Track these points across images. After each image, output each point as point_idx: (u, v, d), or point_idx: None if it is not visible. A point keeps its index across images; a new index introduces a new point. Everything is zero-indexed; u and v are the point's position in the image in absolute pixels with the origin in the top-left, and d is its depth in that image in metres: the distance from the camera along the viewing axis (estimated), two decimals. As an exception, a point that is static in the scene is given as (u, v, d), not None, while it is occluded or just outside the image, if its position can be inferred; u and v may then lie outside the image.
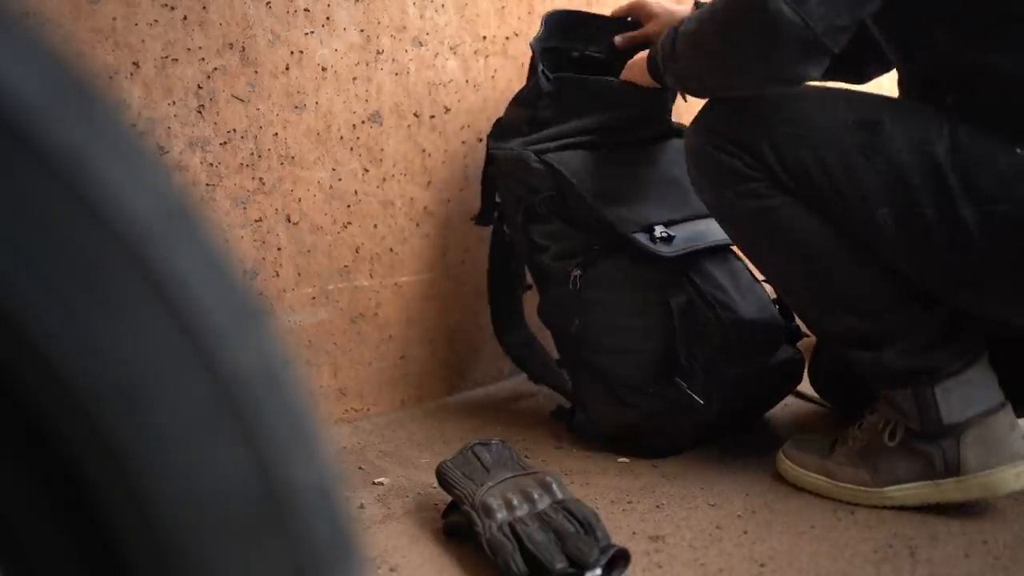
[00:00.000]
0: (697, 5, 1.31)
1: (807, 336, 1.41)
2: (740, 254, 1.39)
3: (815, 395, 1.49)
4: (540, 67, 1.37)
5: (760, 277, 1.39)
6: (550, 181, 1.32)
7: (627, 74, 1.33)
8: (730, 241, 1.33)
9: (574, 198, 1.30)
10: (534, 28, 1.63)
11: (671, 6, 1.44)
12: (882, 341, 1.08)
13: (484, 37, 1.56)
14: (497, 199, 1.46)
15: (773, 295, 1.40)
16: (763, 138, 1.05)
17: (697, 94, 1.19)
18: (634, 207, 1.30)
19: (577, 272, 1.31)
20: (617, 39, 1.44)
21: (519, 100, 1.41)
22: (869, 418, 1.15)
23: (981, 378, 1.07)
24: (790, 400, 1.51)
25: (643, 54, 1.28)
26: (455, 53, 1.52)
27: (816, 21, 0.95)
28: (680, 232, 1.29)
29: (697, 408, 1.23)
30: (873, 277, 1.06)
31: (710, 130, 1.10)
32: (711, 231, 1.32)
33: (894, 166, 1.00)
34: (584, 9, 1.57)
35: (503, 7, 1.58)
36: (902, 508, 1.10)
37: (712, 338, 1.25)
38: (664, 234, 1.28)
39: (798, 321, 1.40)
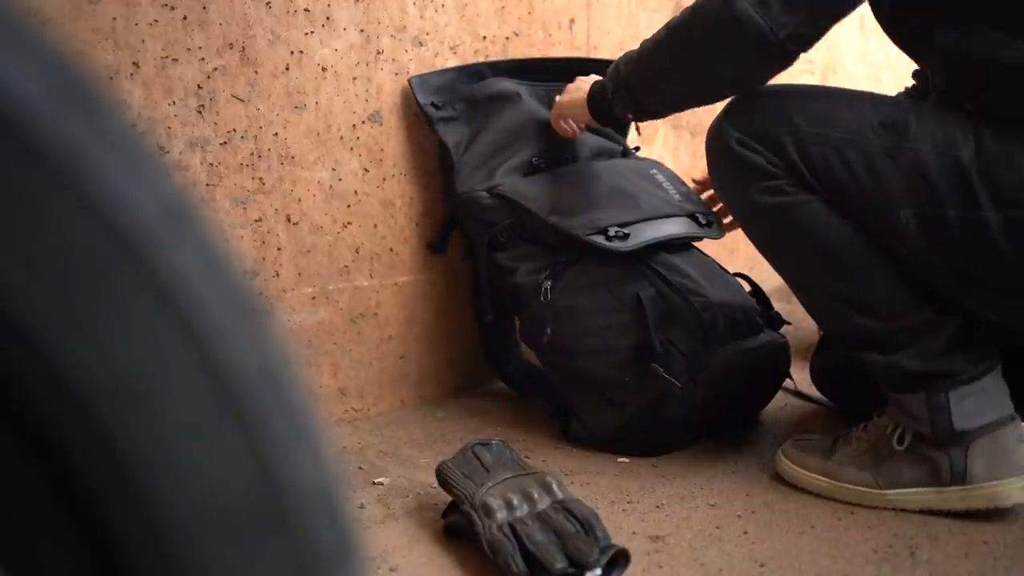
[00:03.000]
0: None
1: (788, 324, 1.42)
2: (703, 249, 1.42)
3: (815, 395, 1.49)
4: (417, 100, 1.44)
5: (731, 270, 1.42)
6: (505, 211, 1.41)
7: (558, 113, 1.39)
8: (689, 236, 1.39)
9: (530, 219, 1.37)
10: (534, 28, 1.63)
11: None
12: (896, 344, 1.07)
13: (484, 37, 1.56)
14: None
15: (747, 287, 1.41)
16: (788, 136, 1.05)
17: (653, 113, 1.23)
18: (586, 216, 1.35)
19: (548, 283, 1.35)
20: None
21: None
22: (876, 420, 1.15)
23: (995, 387, 1.07)
24: (790, 400, 1.51)
25: (574, 94, 1.33)
26: (455, 53, 1.52)
27: (780, 27, 0.99)
28: (634, 231, 1.34)
29: (678, 393, 1.23)
30: (891, 279, 1.06)
31: (733, 127, 1.10)
32: (666, 229, 1.37)
33: (919, 168, 1.00)
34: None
35: (503, 7, 1.58)
36: (902, 510, 1.10)
37: (687, 323, 1.26)
38: (618, 232, 1.32)
39: (776, 308, 1.42)
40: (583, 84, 1.32)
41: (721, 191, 1.17)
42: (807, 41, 1.03)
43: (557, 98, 1.40)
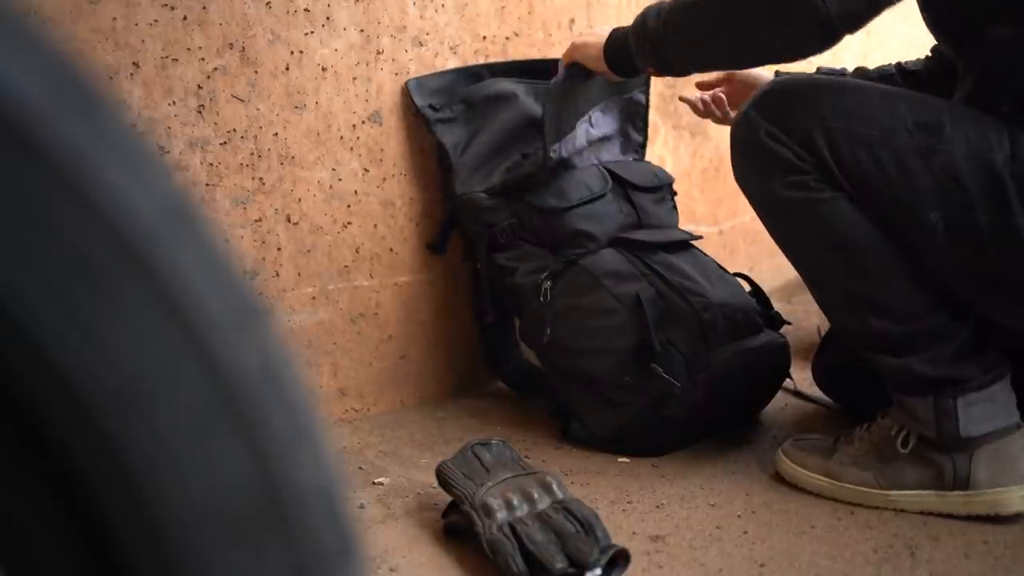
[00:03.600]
0: None
1: (788, 324, 1.41)
2: (703, 249, 1.42)
3: (815, 395, 1.49)
4: (414, 102, 1.44)
5: (731, 270, 1.43)
6: (505, 211, 1.41)
7: (571, 52, 1.31)
8: (690, 237, 1.41)
9: (536, 213, 1.38)
10: (534, 28, 1.63)
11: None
12: (909, 348, 1.07)
13: (484, 37, 1.56)
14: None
15: (747, 287, 1.41)
16: (818, 130, 1.04)
17: (675, 72, 1.19)
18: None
19: (547, 284, 1.35)
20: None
21: None
22: (880, 421, 1.14)
23: (1003, 396, 1.07)
24: (790, 400, 1.51)
25: (590, 40, 1.28)
26: (455, 53, 1.52)
27: (833, 3, 0.97)
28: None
29: (677, 393, 1.23)
30: (909, 282, 1.05)
31: (762, 119, 1.08)
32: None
33: (951, 170, 0.99)
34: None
35: (503, 7, 1.58)
36: (903, 510, 1.10)
37: (687, 323, 1.27)
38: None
39: (776, 308, 1.42)
40: (601, 31, 1.26)
41: (743, 181, 1.14)
42: (858, 22, 1.01)
43: (574, 40, 1.34)
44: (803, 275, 1.16)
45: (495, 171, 1.45)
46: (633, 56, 1.18)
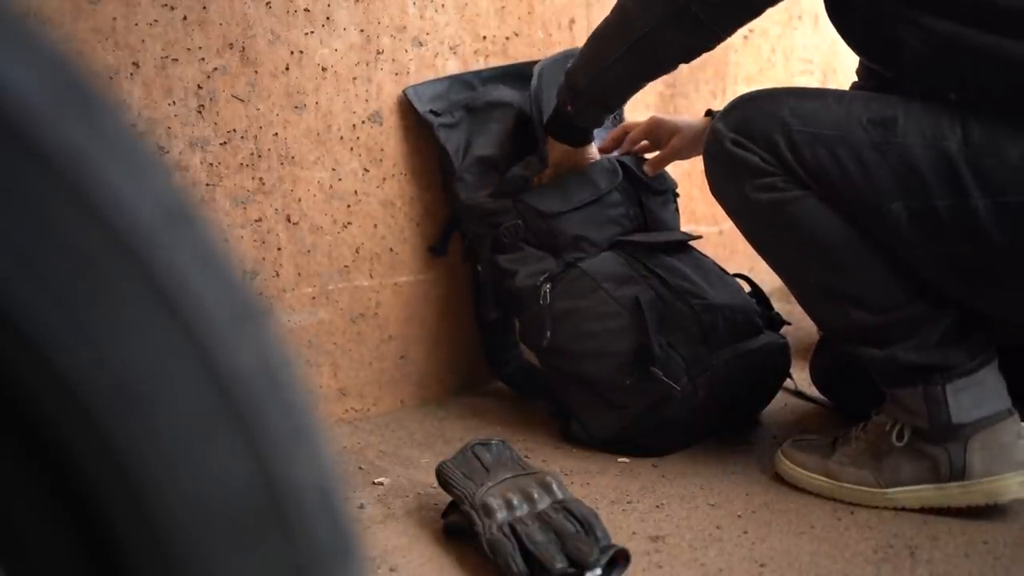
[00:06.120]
0: (709, 113, 1.45)
1: (788, 324, 1.42)
2: (700, 250, 1.43)
3: (815, 394, 1.49)
4: (417, 108, 1.46)
5: (731, 271, 1.43)
6: (512, 213, 1.41)
7: (554, 161, 1.41)
8: (688, 238, 1.42)
9: (536, 218, 1.39)
10: (534, 28, 1.63)
11: (689, 120, 1.48)
12: (892, 338, 1.08)
13: (484, 37, 1.56)
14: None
15: (747, 288, 1.42)
16: (780, 135, 1.07)
17: (585, 99, 1.29)
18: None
19: (547, 287, 1.35)
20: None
21: None
22: (875, 419, 1.15)
23: (992, 381, 1.07)
24: (790, 400, 1.51)
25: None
26: (455, 53, 1.52)
27: None
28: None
29: (677, 396, 1.23)
30: (885, 273, 1.07)
31: (727, 129, 1.12)
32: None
33: (907, 161, 1.02)
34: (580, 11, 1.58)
35: (503, 7, 1.58)
36: (903, 509, 1.10)
37: (687, 325, 1.26)
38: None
39: (776, 309, 1.42)
40: None
41: (717, 192, 1.18)
42: (717, 11, 1.09)
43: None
44: (783, 277, 1.18)
45: (497, 175, 1.45)
46: (567, 105, 1.30)
